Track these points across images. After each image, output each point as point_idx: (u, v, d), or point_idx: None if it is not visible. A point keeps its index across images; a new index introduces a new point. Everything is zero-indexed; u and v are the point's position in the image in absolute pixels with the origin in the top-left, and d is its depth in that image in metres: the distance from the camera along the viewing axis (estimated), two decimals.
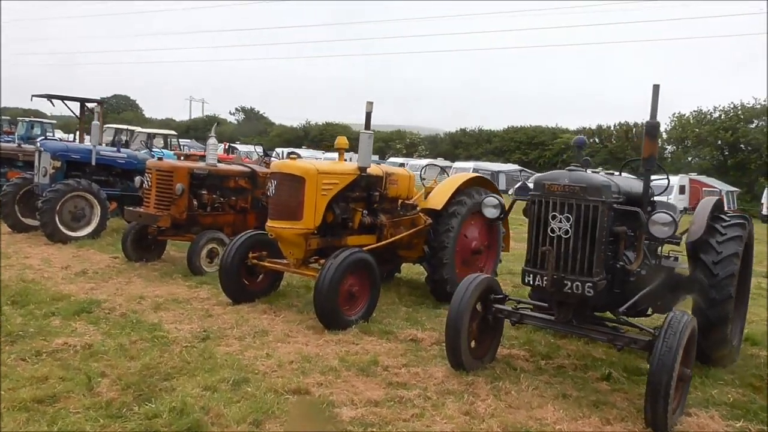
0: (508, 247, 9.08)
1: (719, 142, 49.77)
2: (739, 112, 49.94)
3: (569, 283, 4.77)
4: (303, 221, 6.73)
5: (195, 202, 9.08)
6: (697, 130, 50.72)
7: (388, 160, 57.86)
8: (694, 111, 53.05)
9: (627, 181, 5.85)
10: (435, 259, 7.80)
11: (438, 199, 7.83)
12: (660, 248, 6.43)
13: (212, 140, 9.44)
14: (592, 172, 5.33)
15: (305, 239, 6.85)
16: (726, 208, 7.27)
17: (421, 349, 6.00)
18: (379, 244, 7.54)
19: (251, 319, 6.58)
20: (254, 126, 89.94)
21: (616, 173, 6.44)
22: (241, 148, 51.96)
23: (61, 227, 10.51)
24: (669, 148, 57.07)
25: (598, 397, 5.04)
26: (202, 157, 11.69)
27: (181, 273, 8.69)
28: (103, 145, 11.83)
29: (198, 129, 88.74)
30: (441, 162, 60.16)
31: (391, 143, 70.77)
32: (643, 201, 5.49)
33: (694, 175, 45.17)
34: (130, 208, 9.11)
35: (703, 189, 43.99)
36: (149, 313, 6.64)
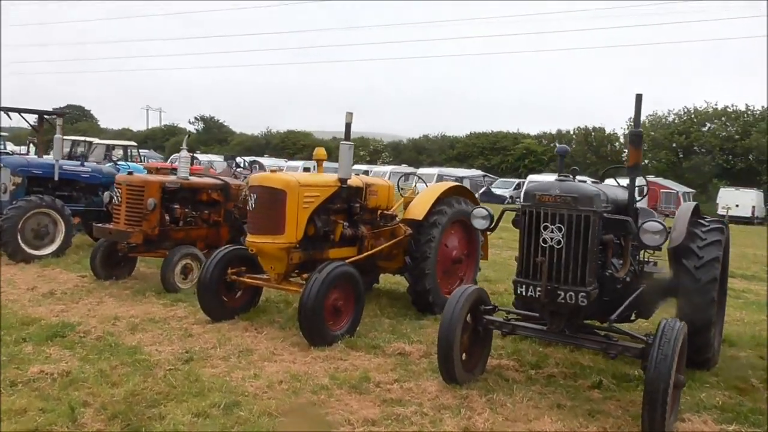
0: (486, 255, 9.07)
1: (674, 145, 51.09)
2: (693, 116, 51.34)
3: (563, 293, 4.75)
4: (285, 235, 6.59)
5: (167, 217, 8.83)
6: (653, 133, 51.93)
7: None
8: (650, 115, 54.33)
9: (612, 189, 5.87)
10: (417, 270, 7.73)
11: (419, 210, 7.77)
12: (642, 254, 6.48)
13: (184, 153, 9.20)
14: (579, 181, 5.33)
15: (287, 253, 6.70)
16: None
17: (411, 363, 5.91)
18: (360, 256, 7.43)
19: (234, 338, 6.40)
20: (214, 135, 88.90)
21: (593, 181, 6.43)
22: (202, 157, 51.34)
23: (24, 246, 10.10)
24: (626, 151, 58.22)
25: (592, 406, 5.03)
26: (173, 170, 11.43)
27: (155, 291, 8.43)
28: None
29: (156, 139, 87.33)
30: (405, 168, 60.33)
31: (354, 151, 70.68)
32: (629, 209, 5.51)
33: (651, 177, 46.18)
34: (100, 225, 8.81)
35: (661, 191, 45.13)
36: (126, 335, 6.40)
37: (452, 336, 5.14)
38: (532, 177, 48.82)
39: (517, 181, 50.61)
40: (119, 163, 12.89)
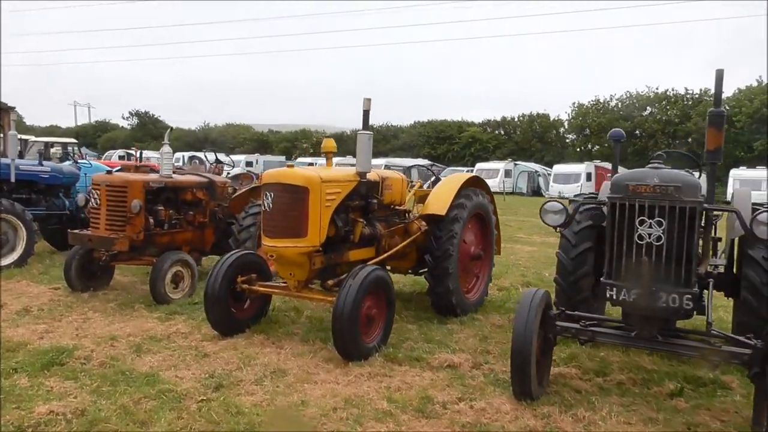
0: (499, 249, 8.55)
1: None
2: (635, 101, 52.48)
3: (664, 296, 4.24)
4: (308, 238, 5.87)
5: (151, 220, 7.94)
6: (597, 119, 52.86)
7: (296, 160, 56.56)
8: (592, 101, 55.33)
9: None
10: (439, 269, 7.13)
11: (440, 204, 7.16)
12: None
13: (166, 148, 8.29)
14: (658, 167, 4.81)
15: (309, 258, 5.99)
16: None
17: (465, 377, 5.33)
18: (381, 257, 6.79)
19: (256, 356, 5.66)
20: (150, 131, 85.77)
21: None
22: (137, 154, 49.16)
23: None
24: (570, 137, 59.22)
25: (686, 418, 4.56)
26: (147, 168, 10.49)
27: (142, 302, 7.56)
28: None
29: (87, 135, 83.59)
30: (350, 160, 59.70)
31: (297, 143, 69.40)
32: (708, 198, 5.07)
33: (598, 162, 47.02)
34: (76, 232, 7.83)
35: (608, 175, 45.91)
36: (132, 358, 5.57)
37: (528, 348, 4.57)
38: (480, 165, 49.00)
39: (465, 169, 50.63)
40: (80, 161, 11.74)
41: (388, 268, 7.37)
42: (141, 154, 28.72)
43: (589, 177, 43.72)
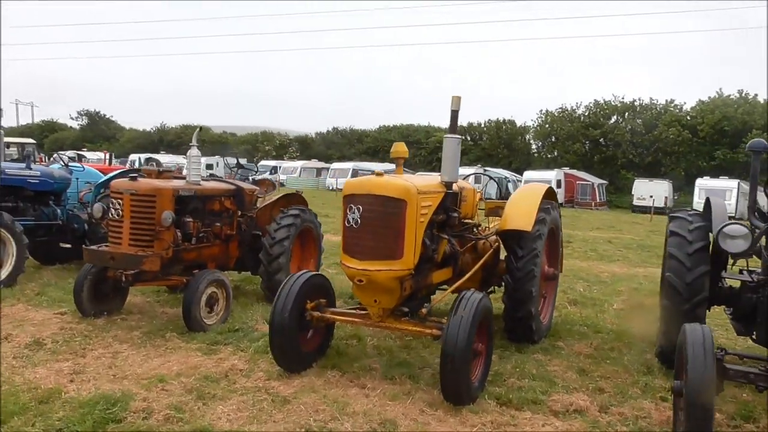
0: (562, 267, 7.79)
1: (586, 140, 52.47)
2: (602, 109, 52.91)
3: None
4: (403, 260, 4.96)
5: (178, 234, 6.88)
6: (564, 127, 53.04)
7: (259, 164, 55.14)
8: (559, 108, 55.60)
9: None
10: (520, 292, 6.31)
11: (524, 219, 6.33)
12: None
13: (194, 151, 7.23)
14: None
15: (401, 283, 5.09)
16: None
17: (601, 424, 4.55)
18: (463, 279, 5.92)
19: (345, 401, 4.73)
20: (101, 131, 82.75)
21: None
22: (89, 155, 46.80)
23: None
24: (534, 144, 59.43)
25: None
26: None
27: (172, 330, 6.52)
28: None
29: (32, 135, 79.86)
30: (316, 164, 58.60)
31: (259, 145, 67.81)
32: None
33: (566, 170, 47.15)
34: (93, 248, 6.70)
35: (577, 182, 46.14)
36: (199, 407, 4.57)
37: (709, 397, 3.78)
38: None
39: (436, 174, 50.15)
40: (71, 165, 10.49)
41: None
42: (111, 156, 27.16)
43: (559, 184, 43.68)
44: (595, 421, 4.60)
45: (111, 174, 9.71)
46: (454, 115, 5.68)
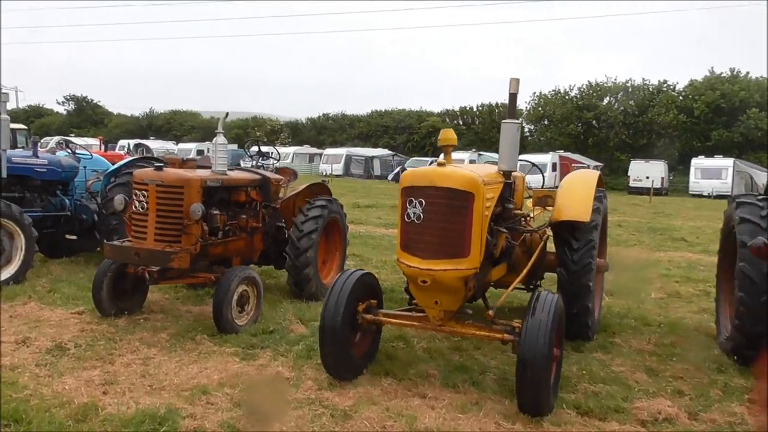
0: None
1: (579, 122, 52.12)
2: (595, 91, 52.53)
3: None
4: (469, 258, 4.51)
5: (205, 227, 6.39)
6: (557, 110, 52.62)
7: (250, 149, 54.23)
8: (552, 90, 55.16)
9: None
10: (576, 286, 5.92)
11: (580, 208, 5.91)
12: None
13: (221, 138, 6.70)
14: None
15: (465, 283, 4.65)
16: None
17: None
18: (521, 275, 5.51)
19: (414, 417, 4.30)
20: (88, 116, 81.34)
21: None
22: (78, 141, 45.87)
23: None
24: (528, 127, 59.03)
25: None
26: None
27: (201, 330, 6.07)
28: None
29: (18, 120, 78.31)
30: (308, 149, 57.87)
31: (249, 131, 66.86)
32: None
33: (561, 152, 46.81)
34: (115, 243, 6.19)
35: (573, 165, 45.78)
36: (254, 426, 4.13)
37: None
38: None
39: (429, 159, 49.58)
40: (79, 152, 9.91)
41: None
42: (106, 143, 26.39)
43: (554, 167, 43.34)
44: (688, 430, 4.21)
45: (121, 162, 9.17)
46: (512, 98, 5.22)
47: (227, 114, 7.84)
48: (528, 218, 6.39)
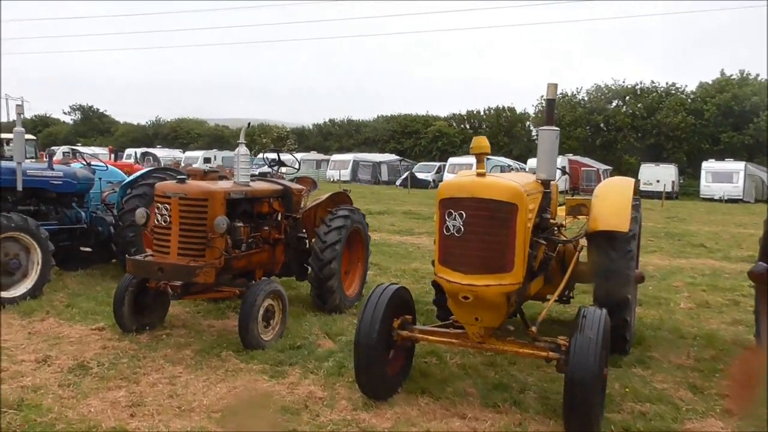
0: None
1: (588, 126, 51.91)
2: (600, 94, 52.32)
3: None
4: (513, 272, 4.32)
5: (228, 240, 6.22)
6: (566, 113, 52.40)
7: (258, 156, 54.36)
8: (560, 94, 54.91)
9: None
10: (615, 299, 5.70)
11: (618, 217, 5.71)
12: None
13: (243, 149, 6.54)
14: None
15: (508, 298, 4.45)
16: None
17: None
18: (559, 289, 5.32)
19: None
20: (95, 125, 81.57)
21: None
22: (85, 150, 45.84)
23: None
24: (534, 131, 58.76)
25: None
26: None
27: (226, 346, 5.91)
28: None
29: (26, 131, 78.55)
30: (315, 155, 57.78)
31: (256, 138, 66.86)
32: None
33: (570, 156, 46.59)
34: (138, 258, 6.02)
35: (582, 169, 45.58)
36: None
37: None
38: (453, 160, 47.92)
39: (437, 164, 49.43)
40: (94, 164, 9.78)
41: None
42: (116, 153, 26.34)
43: (564, 171, 43.10)
44: None
45: (137, 174, 9.02)
46: (550, 104, 5.04)
47: (249, 124, 7.70)
48: (561, 228, 6.20)
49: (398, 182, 45.71)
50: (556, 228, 6.07)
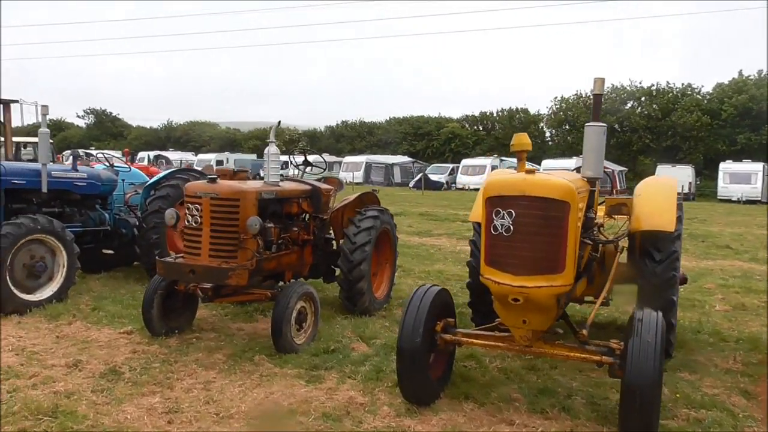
0: None
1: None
2: (615, 95, 51.97)
3: None
4: (564, 273, 4.15)
5: (259, 242, 6.08)
6: (578, 113, 52.07)
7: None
8: (574, 95, 54.65)
9: None
10: (660, 301, 5.49)
11: (664, 217, 5.52)
12: None
13: (273, 148, 6.42)
14: None
15: (558, 300, 4.29)
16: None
17: None
18: (605, 289, 5.15)
19: None
20: (108, 129, 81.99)
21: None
22: (97, 153, 45.94)
23: (15, 290, 6.99)
24: (548, 132, 58.51)
25: None
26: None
27: (258, 350, 5.77)
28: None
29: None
30: (327, 157, 57.70)
31: (268, 141, 66.95)
32: None
33: None
34: (168, 260, 5.90)
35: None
36: None
37: None
38: (466, 161, 47.73)
39: (450, 165, 49.25)
40: (117, 166, 9.69)
41: None
42: (132, 156, 26.30)
43: (578, 172, 42.79)
44: None
45: (160, 175, 8.91)
46: (597, 99, 4.87)
47: (279, 123, 7.57)
48: (601, 227, 6.02)
49: (411, 184, 45.57)
50: (596, 228, 5.91)
